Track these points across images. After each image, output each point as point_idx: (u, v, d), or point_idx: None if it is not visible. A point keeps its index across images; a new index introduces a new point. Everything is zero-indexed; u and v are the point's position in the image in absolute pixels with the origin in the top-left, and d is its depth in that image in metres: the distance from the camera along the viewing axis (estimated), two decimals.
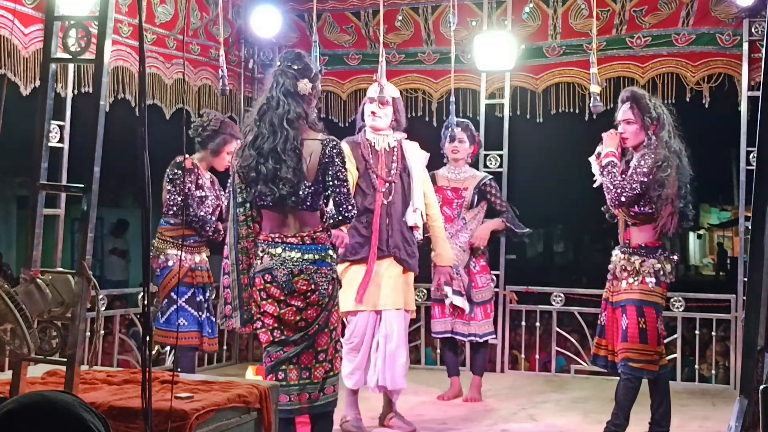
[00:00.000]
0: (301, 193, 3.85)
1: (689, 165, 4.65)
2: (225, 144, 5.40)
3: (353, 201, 3.98)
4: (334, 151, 3.90)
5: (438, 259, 5.22)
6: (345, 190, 3.92)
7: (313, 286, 3.86)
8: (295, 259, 3.87)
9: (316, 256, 3.89)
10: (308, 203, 3.89)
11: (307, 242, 3.89)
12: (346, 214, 3.94)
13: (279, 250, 3.89)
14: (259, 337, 4.07)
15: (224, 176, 5.77)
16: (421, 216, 5.04)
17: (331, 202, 3.97)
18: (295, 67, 3.96)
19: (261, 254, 3.93)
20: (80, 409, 1.51)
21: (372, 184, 4.92)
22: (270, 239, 3.93)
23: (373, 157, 4.95)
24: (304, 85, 3.94)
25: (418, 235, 5.06)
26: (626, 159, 4.73)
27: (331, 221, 3.99)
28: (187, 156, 5.33)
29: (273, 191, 3.85)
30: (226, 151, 5.38)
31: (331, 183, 3.90)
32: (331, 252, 3.98)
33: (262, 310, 3.93)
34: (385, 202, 4.91)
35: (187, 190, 5.26)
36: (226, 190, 4.26)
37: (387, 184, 4.94)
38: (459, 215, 5.93)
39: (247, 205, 4.02)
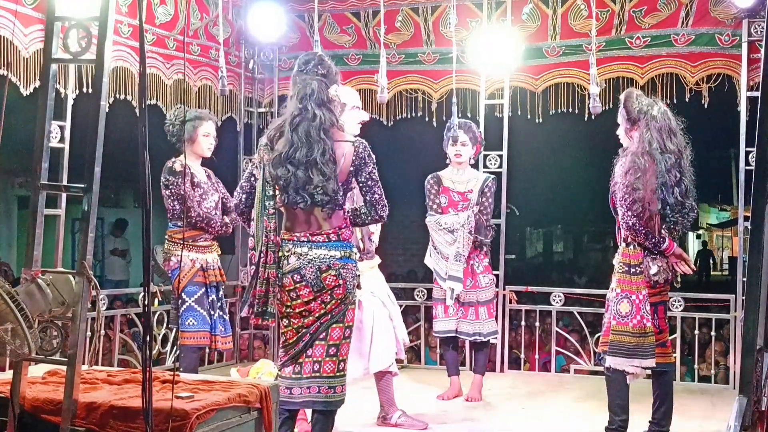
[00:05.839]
0: (333, 195, 3.89)
1: (689, 166, 4.61)
2: (195, 128, 5.46)
3: (385, 201, 4.05)
4: (366, 152, 3.98)
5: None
6: (379, 191, 4.00)
7: (341, 281, 3.92)
8: (322, 256, 3.93)
9: (342, 253, 3.96)
10: (338, 203, 3.95)
11: (333, 239, 3.95)
12: (381, 213, 4.03)
13: (305, 249, 3.94)
14: (284, 335, 4.04)
15: (221, 169, 5.80)
16: None
17: (363, 202, 4.05)
18: (323, 72, 4.00)
19: (287, 254, 3.95)
20: None
21: None
22: (295, 238, 3.97)
23: None
24: (334, 91, 4.01)
25: (375, 239, 5.06)
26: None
27: (366, 219, 4.08)
28: (174, 159, 5.36)
29: (305, 198, 3.89)
30: (201, 135, 5.47)
31: (364, 184, 3.98)
32: (355, 250, 4.05)
33: (290, 309, 3.96)
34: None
35: (184, 193, 5.29)
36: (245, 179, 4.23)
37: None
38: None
39: (277, 198, 4.03)
